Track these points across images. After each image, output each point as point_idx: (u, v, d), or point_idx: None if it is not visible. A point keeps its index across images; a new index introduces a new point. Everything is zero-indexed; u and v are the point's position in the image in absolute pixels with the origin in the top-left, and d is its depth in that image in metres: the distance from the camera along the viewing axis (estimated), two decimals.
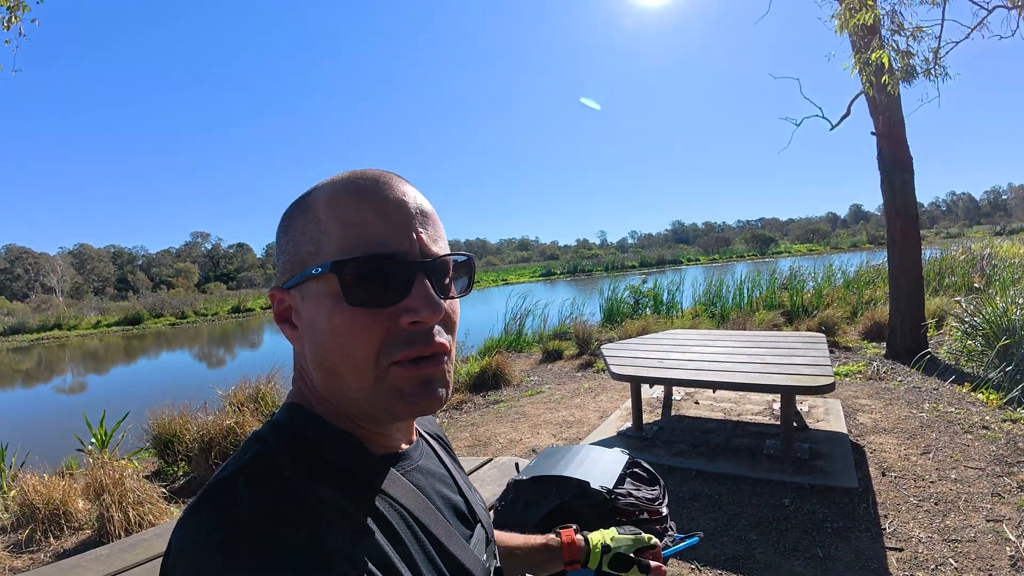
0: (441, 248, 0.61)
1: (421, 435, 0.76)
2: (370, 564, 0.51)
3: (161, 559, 1.58)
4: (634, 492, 1.60)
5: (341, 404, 0.60)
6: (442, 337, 0.59)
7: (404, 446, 0.69)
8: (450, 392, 0.61)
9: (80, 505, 3.78)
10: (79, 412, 5.17)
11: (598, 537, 1.03)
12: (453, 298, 0.63)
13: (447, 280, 0.62)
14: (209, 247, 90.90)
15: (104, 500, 3.52)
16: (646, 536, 1.05)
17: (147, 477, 4.32)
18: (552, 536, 1.04)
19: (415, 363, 0.57)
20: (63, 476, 4.29)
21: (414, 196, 0.61)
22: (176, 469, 4.66)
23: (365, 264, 0.55)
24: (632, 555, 1.01)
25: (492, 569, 0.72)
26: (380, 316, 0.56)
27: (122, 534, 3.39)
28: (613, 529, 1.06)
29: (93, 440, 4.71)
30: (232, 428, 4.54)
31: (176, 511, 3.85)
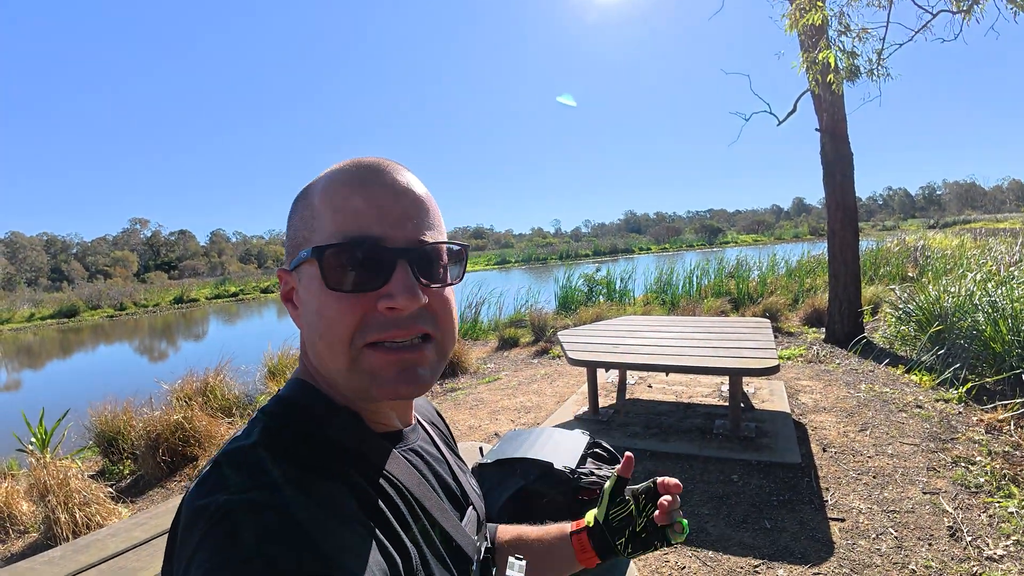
0: (433, 236, 0.62)
1: (419, 420, 0.78)
2: (378, 531, 0.54)
3: (114, 559, 1.54)
4: (596, 471, 1.65)
5: (333, 382, 0.62)
6: (424, 323, 0.60)
7: (402, 427, 0.71)
8: (435, 378, 0.62)
9: (24, 507, 3.65)
10: (16, 410, 4.92)
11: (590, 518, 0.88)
12: (444, 285, 0.63)
13: (438, 268, 0.62)
14: (149, 234, 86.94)
15: (49, 501, 3.39)
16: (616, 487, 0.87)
17: (92, 476, 4.16)
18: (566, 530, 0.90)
19: (394, 349, 0.58)
20: (4, 477, 4.10)
21: (407, 184, 0.61)
22: (122, 468, 4.50)
23: (343, 250, 0.56)
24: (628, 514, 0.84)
25: (483, 549, 0.75)
26: (359, 300, 0.57)
27: (70, 536, 3.28)
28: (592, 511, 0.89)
29: (33, 440, 4.49)
30: (180, 423, 4.40)
31: (124, 511, 3.72)
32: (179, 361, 12.50)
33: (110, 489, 3.81)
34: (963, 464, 3.28)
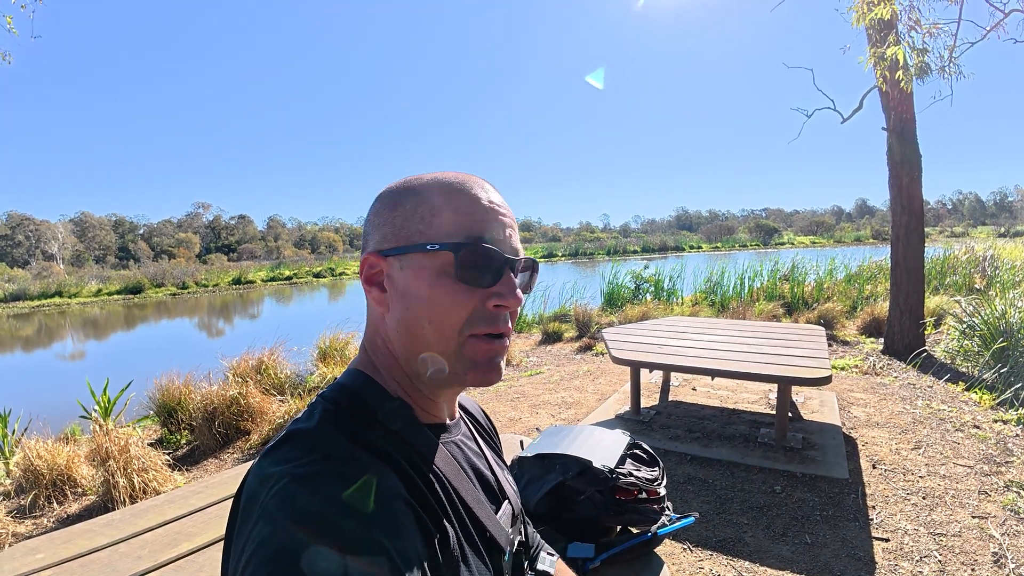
0: (522, 250, 0.71)
1: (462, 416, 0.83)
2: (418, 507, 0.59)
3: (171, 524, 1.63)
4: (634, 472, 1.65)
5: (408, 368, 0.69)
6: (509, 323, 0.69)
7: (447, 420, 0.76)
8: (505, 368, 0.71)
9: (84, 471, 3.82)
10: (81, 379, 5.19)
11: None
12: (526, 293, 0.73)
13: (523, 277, 0.72)
14: (210, 218, 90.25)
15: (109, 466, 3.56)
16: None
17: (151, 444, 4.37)
18: None
19: (489, 339, 0.66)
20: (67, 442, 4.33)
21: (505, 202, 0.71)
22: (179, 438, 4.73)
23: (477, 250, 0.65)
24: None
25: (516, 541, 0.79)
26: (474, 295, 0.65)
27: (127, 500, 3.44)
28: None
29: (96, 407, 4.76)
30: (236, 399, 4.60)
31: (180, 479, 3.92)
32: (235, 339, 13.01)
33: (167, 457, 4.01)
34: (1015, 489, 3.12)
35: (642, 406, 4.62)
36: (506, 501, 0.79)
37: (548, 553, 0.93)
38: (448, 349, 0.65)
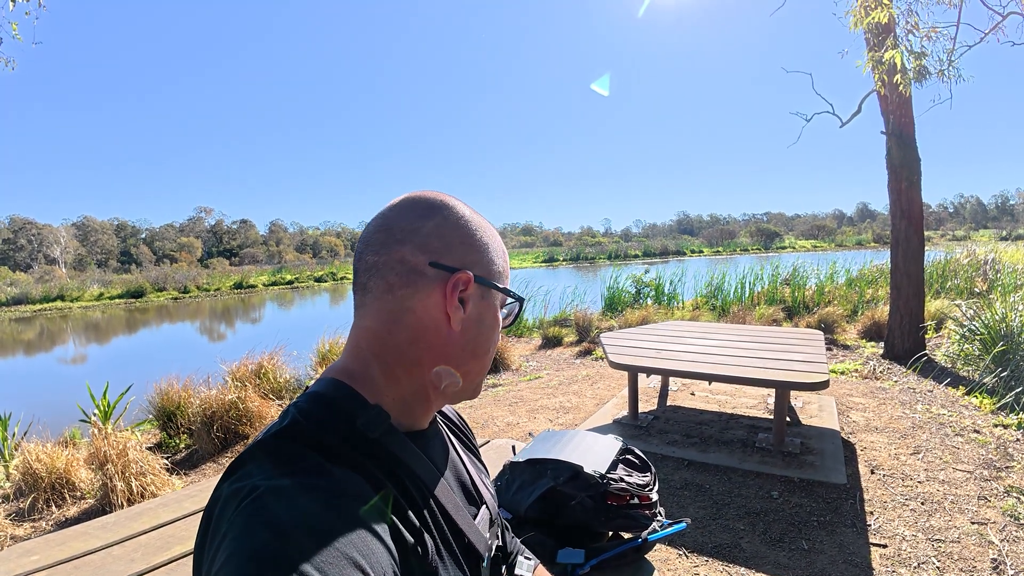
0: None
1: (440, 421, 0.83)
2: (395, 518, 0.58)
3: (165, 527, 1.63)
4: (626, 478, 1.65)
5: (422, 379, 0.70)
6: None
7: (425, 426, 0.75)
8: None
9: (83, 475, 3.82)
10: (82, 383, 5.19)
11: None
12: None
13: None
14: (212, 222, 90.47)
15: (107, 470, 3.56)
16: None
17: (149, 449, 4.39)
18: None
19: None
20: (66, 446, 4.33)
21: None
22: (178, 442, 4.73)
23: (522, 307, 0.80)
24: None
25: (494, 547, 0.78)
26: None
27: (125, 504, 3.45)
28: None
29: (96, 411, 4.76)
30: (235, 403, 4.59)
31: (178, 483, 3.92)
32: (236, 343, 13.02)
33: (166, 461, 4.01)
34: (1015, 494, 3.11)
35: (640, 411, 4.61)
36: (483, 506, 0.79)
37: (526, 557, 0.93)
38: (482, 374, 0.75)
